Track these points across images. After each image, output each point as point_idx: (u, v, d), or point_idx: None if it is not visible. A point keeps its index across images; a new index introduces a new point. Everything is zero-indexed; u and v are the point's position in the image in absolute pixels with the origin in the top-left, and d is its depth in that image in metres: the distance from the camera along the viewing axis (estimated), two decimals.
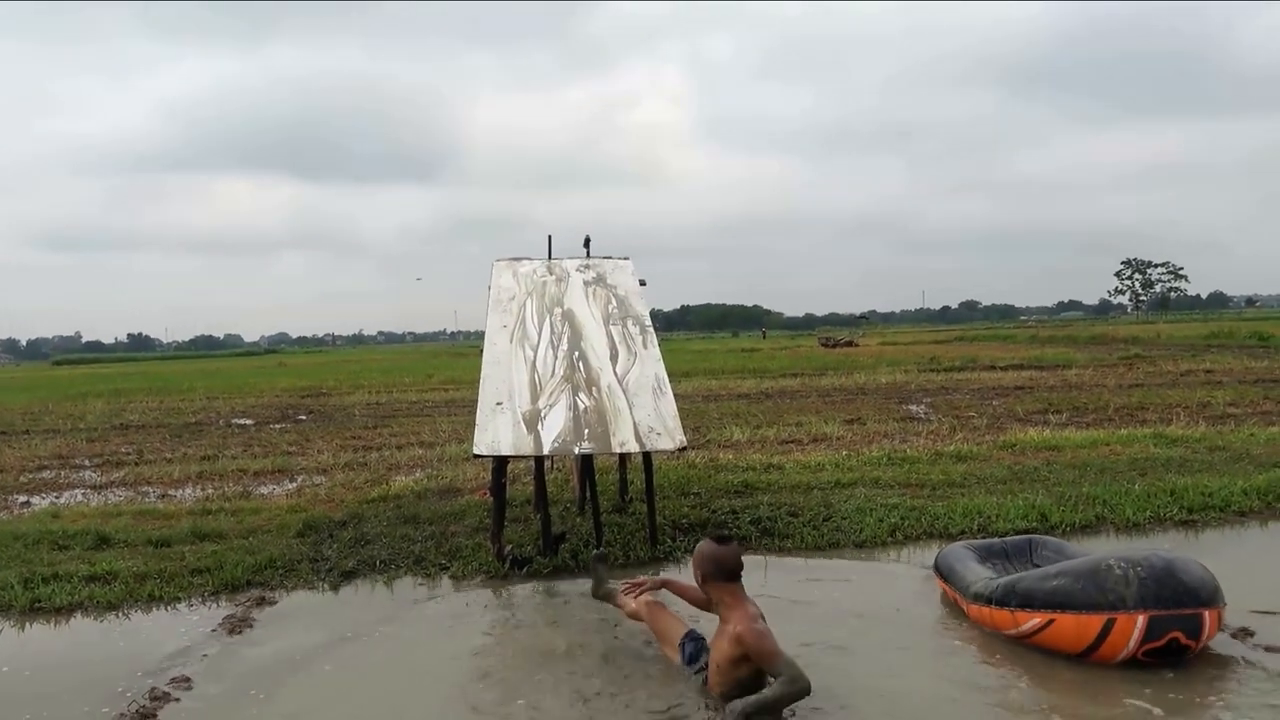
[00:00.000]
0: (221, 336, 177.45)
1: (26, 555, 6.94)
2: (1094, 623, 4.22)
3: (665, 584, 4.67)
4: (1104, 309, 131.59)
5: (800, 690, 3.73)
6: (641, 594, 4.64)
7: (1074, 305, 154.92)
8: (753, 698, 3.75)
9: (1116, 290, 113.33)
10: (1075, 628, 4.28)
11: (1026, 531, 6.55)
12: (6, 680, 4.74)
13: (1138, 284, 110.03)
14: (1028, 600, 4.49)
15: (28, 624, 5.66)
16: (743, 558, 4.14)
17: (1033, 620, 4.46)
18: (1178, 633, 4.12)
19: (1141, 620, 4.12)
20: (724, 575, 4.04)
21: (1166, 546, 5.87)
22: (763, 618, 3.98)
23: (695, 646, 4.32)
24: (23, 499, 10.07)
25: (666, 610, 4.58)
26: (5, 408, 23.16)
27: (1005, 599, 4.62)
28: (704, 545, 4.10)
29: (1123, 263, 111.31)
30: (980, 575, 5.00)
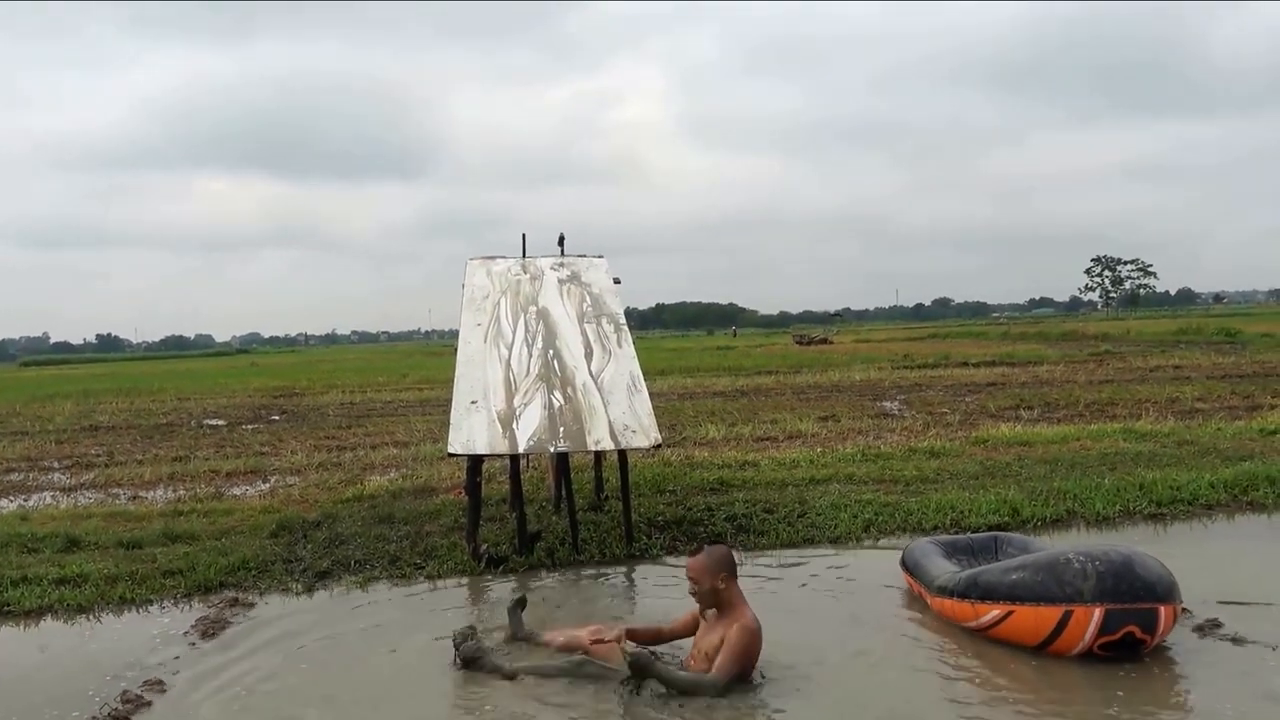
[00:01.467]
0: (192, 336, 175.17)
1: None
2: (1051, 615, 4.28)
3: (632, 635, 4.52)
4: (1074, 306, 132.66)
5: (705, 692, 4.02)
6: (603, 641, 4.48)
7: (1045, 302, 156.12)
8: (665, 669, 4.10)
9: (1087, 287, 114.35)
10: (1033, 619, 4.34)
11: (998, 526, 6.63)
12: None
13: (1108, 281, 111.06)
14: (989, 593, 4.55)
15: None
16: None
17: (992, 612, 4.52)
18: (1133, 627, 4.18)
19: (1098, 613, 4.18)
20: (734, 572, 4.31)
21: (1129, 543, 5.93)
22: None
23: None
24: None
25: (608, 646, 4.43)
26: None
27: (967, 591, 4.68)
28: (721, 550, 4.35)
29: (1093, 260, 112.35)
30: (945, 570, 5.06)
